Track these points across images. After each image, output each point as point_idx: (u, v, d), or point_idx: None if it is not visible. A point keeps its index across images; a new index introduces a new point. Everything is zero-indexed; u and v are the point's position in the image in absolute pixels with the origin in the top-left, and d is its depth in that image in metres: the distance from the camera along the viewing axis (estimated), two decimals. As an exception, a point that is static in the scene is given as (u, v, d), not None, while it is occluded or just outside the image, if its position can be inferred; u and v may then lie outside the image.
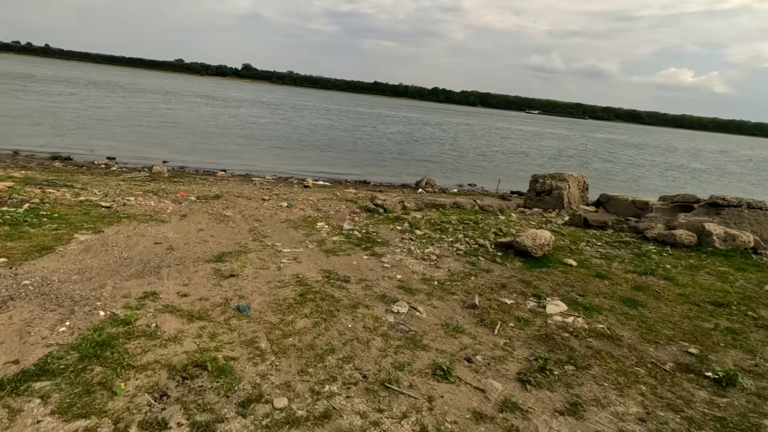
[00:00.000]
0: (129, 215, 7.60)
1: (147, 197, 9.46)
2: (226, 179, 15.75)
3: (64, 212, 7.33)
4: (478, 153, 35.45)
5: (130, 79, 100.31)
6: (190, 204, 9.31)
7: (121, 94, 54.40)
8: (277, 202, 10.33)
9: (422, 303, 4.88)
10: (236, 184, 13.95)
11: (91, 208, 7.84)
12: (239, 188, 12.88)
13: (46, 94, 42.91)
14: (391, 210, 9.52)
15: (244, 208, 9.28)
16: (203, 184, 13.23)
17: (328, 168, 21.91)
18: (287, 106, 68.41)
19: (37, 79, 61.79)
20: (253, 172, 18.96)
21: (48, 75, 77.64)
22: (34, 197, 8.12)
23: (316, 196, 12.07)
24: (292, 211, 9.34)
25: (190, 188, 11.71)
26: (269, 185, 14.72)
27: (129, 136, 24.52)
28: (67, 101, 38.82)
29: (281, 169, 20.29)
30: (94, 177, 12.95)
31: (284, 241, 6.87)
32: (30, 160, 16.27)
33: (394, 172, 22.79)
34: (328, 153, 26.48)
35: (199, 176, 16.15)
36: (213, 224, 7.61)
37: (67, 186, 10.10)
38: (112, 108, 37.73)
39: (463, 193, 17.09)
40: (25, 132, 22.05)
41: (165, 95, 61.41)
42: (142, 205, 8.61)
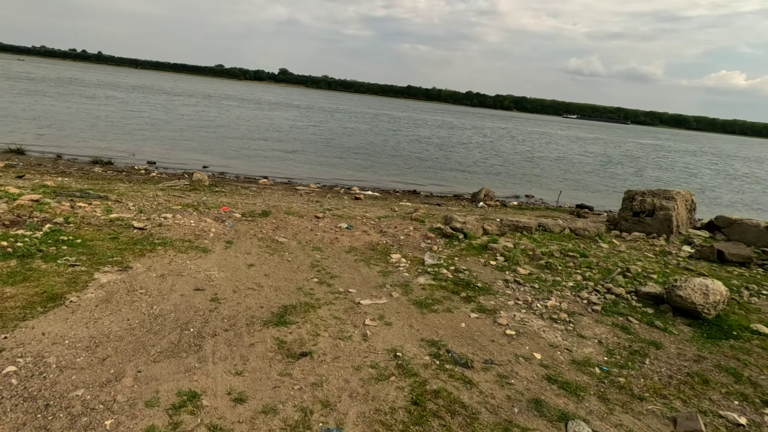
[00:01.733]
0: (165, 241, 6.09)
1: (186, 213, 8.00)
2: (270, 188, 14.32)
3: (89, 236, 5.89)
4: (523, 159, 33.08)
5: (172, 84, 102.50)
6: (236, 223, 7.79)
7: (164, 98, 54.84)
8: (333, 221, 8.68)
9: (603, 420, 3.04)
10: (281, 195, 12.45)
11: (122, 230, 6.40)
12: (286, 201, 11.35)
13: (92, 97, 43.40)
14: (472, 235, 7.69)
15: (298, 229, 7.67)
16: (246, 195, 11.78)
17: (372, 175, 20.28)
18: (323, 110, 67.59)
19: (86, 84, 63.40)
20: (296, 179, 17.55)
21: (96, 80, 79.97)
22: (60, 214, 6.75)
23: (373, 212, 10.37)
24: (355, 235, 7.65)
25: (233, 201, 10.25)
26: (317, 196, 13.16)
27: (170, 139, 23.69)
28: (112, 105, 38.94)
29: (324, 176, 18.82)
30: (131, 185, 11.72)
31: (359, 286, 5.17)
32: (71, 165, 15.37)
33: (443, 180, 20.93)
34: (369, 158, 24.87)
35: (240, 184, 14.80)
36: (265, 255, 6.00)
37: (100, 198, 8.79)
38: (155, 112, 37.52)
39: (528, 207, 15.03)
40: (70, 135, 21.47)
41: (205, 99, 61.72)
42: (180, 224, 7.12)
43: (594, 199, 20.22)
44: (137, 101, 44.70)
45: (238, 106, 54.95)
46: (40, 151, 17.32)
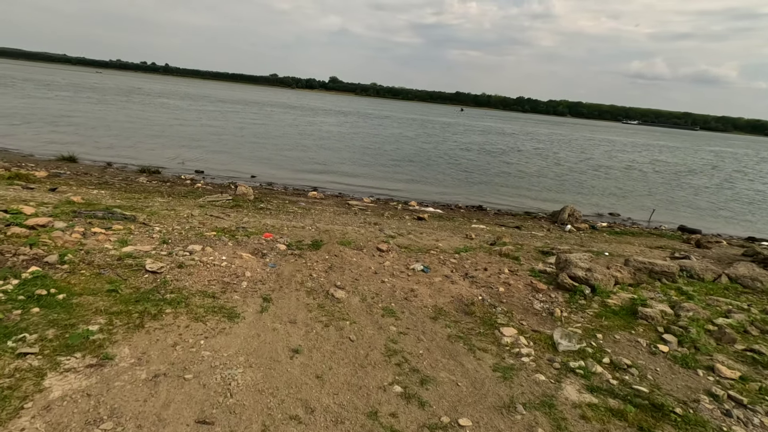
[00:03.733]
0: (180, 296, 4.27)
1: (219, 244, 6.23)
2: (320, 203, 12.53)
3: (79, 288, 4.18)
4: (588, 167, 29.56)
5: (229, 93, 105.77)
6: (279, 259, 5.90)
7: (219, 106, 55.67)
8: (401, 256, 6.61)
9: None
10: (333, 214, 10.56)
11: (129, 275, 4.66)
12: (340, 222, 9.44)
13: (151, 105, 44.43)
14: (603, 289, 5.32)
15: (358, 271, 5.66)
16: (294, 213, 9.99)
17: (428, 187, 18.10)
18: (371, 117, 66.25)
19: (149, 93, 66.03)
20: (347, 191, 15.73)
21: (160, 90, 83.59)
22: (59, 248, 5.16)
23: (446, 240, 8.21)
24: (434, 282, 5.53)
25: (278, 222, 8.45)
26: (373, 215, 11.18)
27: (221, 147, 22.76)
28: (169, 113, 39.40)
29: (377, 188, 16.89)
30: (169, 200, 10.29)
31: (470, 405, 3.04)
32: (117, 174, 14.42)
33: (506, 193, 18.37)
34: (422, 168, 22.69)
35: (288, 197, 13.15)
36: (317, 328, 4.01)
37: (125, 218, 7.26)
38: (209, 120, 37.46)
39: (626, 231, 12.22)
40: (125, 142, 21.01)
41: (256, 107, 62.26)
42: (207, 264, 5.32)
43: (691, 218, 16.90)
44: (193, 109, 45.30)
45: (288, 113, 54.72)
46: (92, 158, 16.67)
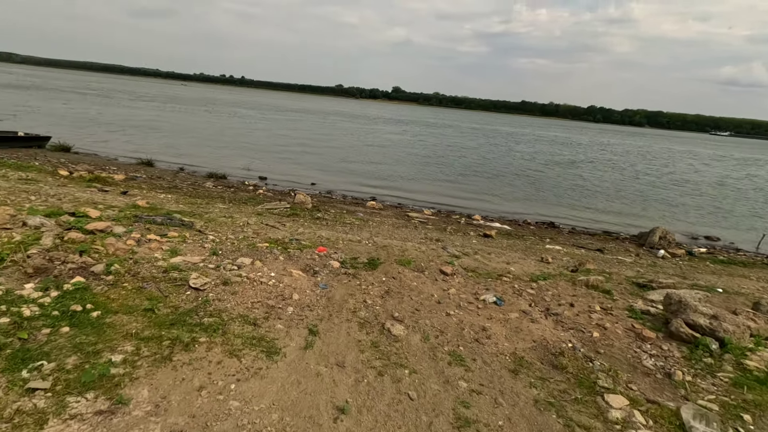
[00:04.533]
0: (219, 321, 3.76)
1: (270, 258, 5.76)
2: (378, 214, 11.93)
3: (117, 304, 3.81)
4: (673, 183, 26.40)
5: (297, 103, 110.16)
6: (331, 279, 5.29)
7: (286, 115, 57.82)
8: (467, 281, 5.74)
9: None
10: (392, 227, 9.88)
11: (170, 291, 4.27)
12: (398, 236, 8.72)
13: (225, 114, 47.01)
14: (736, 344, 4.08)
15: (419, 300, 4.88)
16: (351, 225, 9.44)
17: (492, 199, 16.89)
18: (433, 125, 65.36)
19: (225, 103, 70.34)
20: (407, 201, 15.02)
21: (234, 100, 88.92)
22: (110, 255, 4.94)
23: (518, 263, 7.17)
24: (510, 319, 4.60)
25: (333, 235, 7.91)
26: (434, 229, 10.35)
27: (285, 154, 23.13)
28: (241, 122, 41.33)
29: (437, 198, 16.02)
30: (230, 206, 10.21)
31: None
32: (187, 178, 14.89)
33: (579, 208, 16.64)
34: (485, 178, 21.41)
35: (346, 206, 12.70)
36: (368, 377, 3.28)
37: (183, 225, 7.09)
38: (277, 128, 38.72)
39: (732, 260, 10.28)
40: (199, 148, 22.01)
41: (320, 116, 63.90)
42: (254, 281, 4.82)
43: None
44: (262, 118, 47.28)
45: (350, 122, 55.46)
46: (168, 162, 17.47)
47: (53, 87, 60.86)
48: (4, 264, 4.25)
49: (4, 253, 4.36)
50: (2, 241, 4.97)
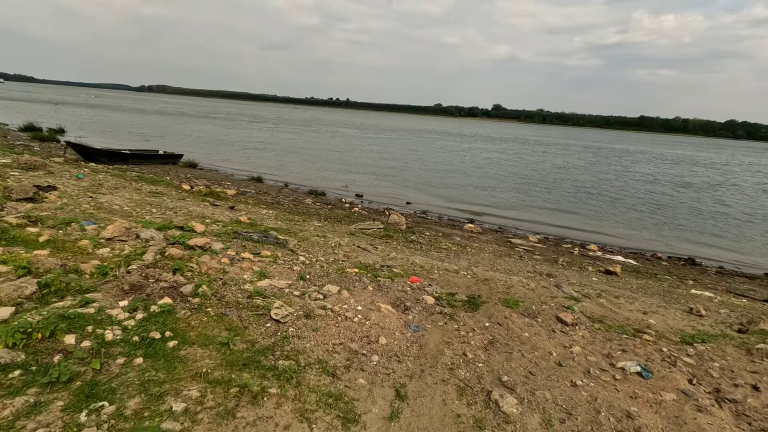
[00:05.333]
0: (293, 367, 3.25)
1: (359, 286, 5.23)
2: (477, 238, 10.91)
3: (194, 335, 3.54)
4: None
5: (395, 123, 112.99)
6: (423, 320, 4.54)
7: (384, 134, 59.21)
8: (594, 336, 4.54)
9: None
10: (493, 255, 8.81)
11: (251, 320, 3.91)
12: (501, 268, 7.66)
13: (328, 134, 49.60)
14: None
15: (533, 358, 3.88)
16: (447, 251, 8.61)
17: (610, 227, 14.64)
18: (536, 143, 61.46)
19: (332, 124, 74.66)
20: (508, 225, 13.69)
21: (339, 120, 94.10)
22: (202, 274, 4.83)
23: (663, 319, 5.65)
24: (665, 402, 3.36)
25: (428, 262, 7.17)
26: (543, 260, 9.02)
27: (382, 172, 23.19)
28: (343, 140, 43.14)
29: (544, 223, 14.36)
30: (325, 224, 10.11)
31: None
32: (290, 194, 15.48)
33: (730, 244, 13.54)
34: (599, 203, 18.85)
35: (442, 228, 11.91)
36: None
37: (277, 243, 6.98)
38: (375, 146, 39.59)
39: None
40: (303, 166, 23.16)
41: (420, 135, 64.20)
42: (340, 313, 4.29)
43: None
44: (362, 137, 48.93)
45: (447, 140, 54.67)
46: (275, 179, 18.49)
47: (192, 113, 70.71)
48: (107, 279, 4.28)
49: (108, 268, 4.43)
50: (114, 253, 5.16)
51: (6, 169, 10.36)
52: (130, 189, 10.59)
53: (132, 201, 8.88)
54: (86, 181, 10.73)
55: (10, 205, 6.76)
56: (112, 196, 9.08)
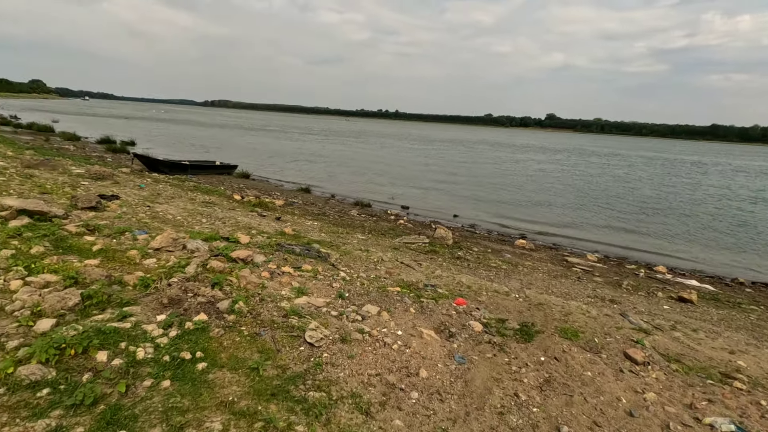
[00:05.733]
0: (324, 400, 2.97)
1: (400, 307, 4.90)
2: (529, 256, 10.20)
3: (224, 356, 3.38)
4: None
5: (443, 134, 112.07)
6: (469, 350, 4.12)
7: (432, 145, 58.72)
8: (671, 381, 3.88)
9: None
10: (547, 276, 8.13)
11: (284, 342, 3.70)
12: (557, 290, 7.00)
13: (377, 145, 49.88)
14: None
15: (598, 405, 3.33)
16: (496, 269, 8.06)
17: (680, 246, 13.24)
18: (593, 154, 58.19)
19: (381, 135, 75.29)
20: (563, 242, 12.77)
21: (387, 132, 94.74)
22: (239, 289, 4.73)
23: (755, 361, 4.80)
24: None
25: (475, 281, 6.68)
26: (604, 283, 8.20)
27: (429, 183, 22.78)
28: (391, 152, 43.20)
29: (602, 241, 13.26)
30: (368, 237, 9.90)
31: None
32: (336, 205, 15.52)
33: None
34: (666, 219, 17.19)
35: (491, 243, 11.30)
36: None
37: (319, 257, 6.82)
38: (421, 157, 39.25)
39: None
40: (351, 177, 23.30)
41: (469, 145, 63.05)
42: (378, 338, 3.98)
43: None
44: (408, 148, 48.76)
45: (496, 150, 53.17)
46: (323, 190, 18.68)
47: (248, 126, 74.29)
48: (148, 291, 4.27)
49: (150, 280, 4.42)
50: (159, 264, 5.20)
51: (78, 178, 11.13)
52: (185, 199, 11.00)
53: (185, 211, 9.15)
54: (147, 190, 11.29)
55: (74, 213, 7.13)
56: (167, 205, 9.42)
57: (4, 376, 2.65)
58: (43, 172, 10.97)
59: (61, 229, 5.74)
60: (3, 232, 5.15)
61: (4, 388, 2.59)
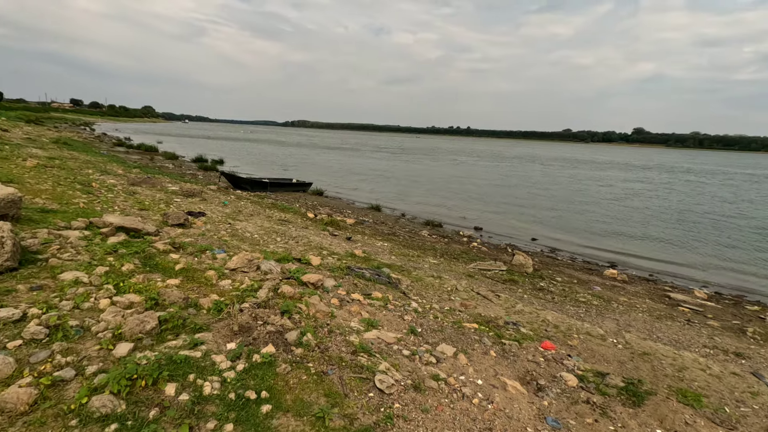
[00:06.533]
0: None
1: (479, 349, 4.37)
2: (623, 289, 9.00)
3: (289, 398, 3.13)
4: None
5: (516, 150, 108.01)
6: (564, 411, 3.48)
7: (506, 162, 56.56)
8: None
9: None
10: (648, 315, 7.00)
11: (353, 386, 3.38)
12: (663, 335, 5.95)
13: (447, 162, 49.09)
14: None
15: None
16: (586, 303, 7.12)
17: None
18: (690, 172, 52.01)
19: (450, 151, 74.39)
20: (663, 273, 11.20)
21: (457, 148, 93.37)
22: (312, 316, 4.54)
23: None
24: None
25: (563, 319, 5.89)
26: (721, 328, 6.86)
27: (503, 204, 21.69)
28: (461, 170, 42.26)
29: (709, 269, 11.43)
30: (440, 261, 9.41)
31: None
32: (406, 225, 15.25)
33: None
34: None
35: (576, 272, 10.21)
36: None
37: (390, 283, 6.52)
38: (493, 175, 37.85)
39: None
40: (420, 196, 22.99)
41: (545, 163, 59.81)
42: (455, 389, 3.51)
43: None
44: (481, 166, 47.37)
45: (576, 168, 49.65)
46: (392, 208, 18.54)
47: (323, 144, 77.64)
48: (220, 316, 4.22)
49: (224, 304, 4.39)
50: (234, 286, 5.21)
51: (172, 195, 12.05)
52: (263, 216, 11.39)
53: (262, 228, 9.40)
54: (230, 207, 11.89)
55: (165, 230, 7.56)
56: (246, 223, 9.77)
57: (78, 406, 2.62)
58: (144, 189, 12.05)
59: (151, 247, 6.04)
60: (102, 249, 5.51)
61: (77, 420, 2.54)
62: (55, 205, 7.48)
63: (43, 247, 5.09)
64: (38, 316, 3.51)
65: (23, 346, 3.11)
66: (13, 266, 4.29)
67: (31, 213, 6.47)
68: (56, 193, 8.66)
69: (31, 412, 2.52)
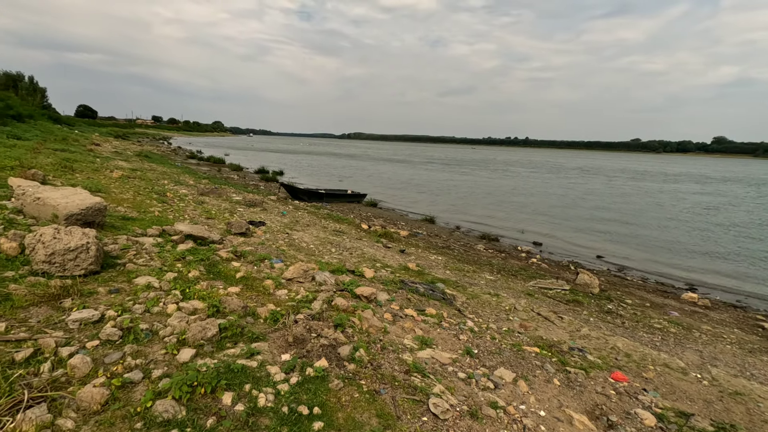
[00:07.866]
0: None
1: (541, 375, 4.04)
2: (703, 314, 8.06)
3: (341, 416, 3.07)
4: None
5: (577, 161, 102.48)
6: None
7: (566, 173, 53.79)
8: None
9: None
10: (738, 348, 6.17)
11: (405, 408, 3.25)
12: (759, 372, 5.19)
13: (501, 174, 47.59)
14: None
15: None
16: (662, 330, 6.42)
17: None
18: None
19: (504, 163, 72.22)
20: (749, 297, 9.94)
21: (511, 159, 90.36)
22: (365, 330, 4.48)
23: None
24: None
25: (636, 347, 5.33)
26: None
27: (565, 217, 20.55)
28: (518, 182, 40.77)
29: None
30: (497, 278, 9.01)
31: None
32: (461, 238, 14.90)
33: None
34: None
35: (648, 293, 9.34)
36: None
37: (444, 299, 6.32)
38: (556, 188, 36.13)
39: None
40: (475, 208, 22.44)
41: (608, 175, 56.14)
42: (516, 419, 3.25)
43: None
44: (539, 177, 45.43)
45: (643, 180, 45.97)
46: (447, 220, 18.23)
47: (378, 156, 78.65)
48: (276, 326, 4.28)
49: (280, 314, 4.45)
50: (289, 296, 5.30)
51: (236, 205, 12.70)
52: (319, 227, 11.63)
53: (317, 239, 9.58)
54: (288, 217, 12.29)
55: (228, 238, 7.93)
56: (302, 233, 10.01)
57: (143, 409, 2.72)
58: (211, 199, 12.81)
59: (215, 255, 6.33)
60: (172, 255, 5.86)
61: (141, 423, 2.63)
62: (134, 213, 8.12)
63: (122, 252, 5.49)
64: (114, 318, 3.75)
65: (99, 347, 3.31)
66: (96, 270, 4.65)
67: (114, 220, 7.05)
68: (136, 201, 9.42)
69: (102, 412, 2.65)
